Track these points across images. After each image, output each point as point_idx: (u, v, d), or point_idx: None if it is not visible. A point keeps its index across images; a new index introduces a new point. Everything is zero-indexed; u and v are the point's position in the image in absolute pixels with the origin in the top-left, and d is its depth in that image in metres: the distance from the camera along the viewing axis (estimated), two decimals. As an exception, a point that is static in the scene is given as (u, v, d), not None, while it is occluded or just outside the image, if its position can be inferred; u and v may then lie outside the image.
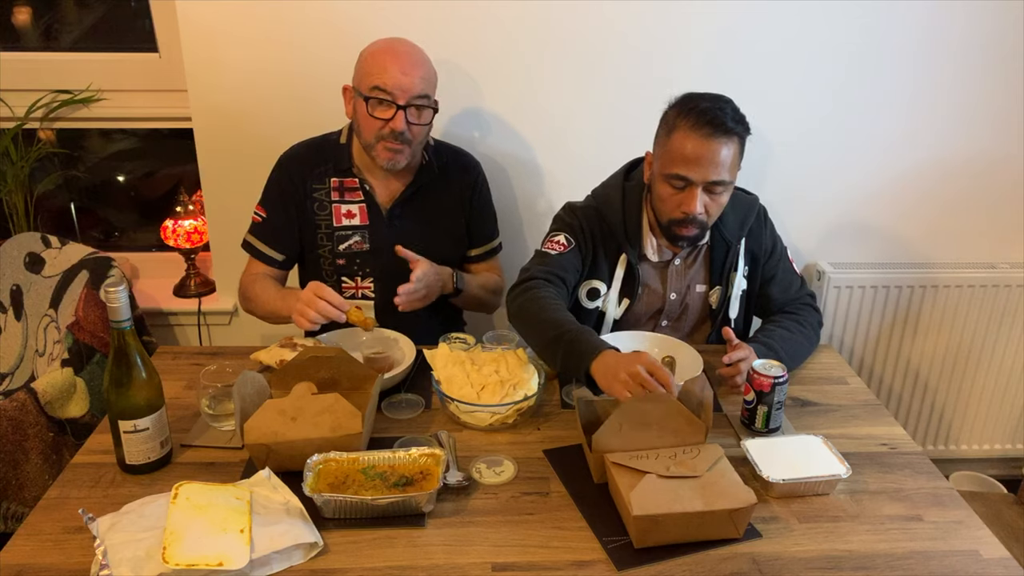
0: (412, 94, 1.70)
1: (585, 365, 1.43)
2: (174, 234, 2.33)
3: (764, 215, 1.82)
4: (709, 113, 1.55)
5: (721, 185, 1.59)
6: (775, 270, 1.82)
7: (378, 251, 1.87)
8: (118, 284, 1.26)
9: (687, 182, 1.58)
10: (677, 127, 1.58)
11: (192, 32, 2.02)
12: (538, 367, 1.56)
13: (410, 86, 1.70)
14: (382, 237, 1.86)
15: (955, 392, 2.43)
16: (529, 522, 1.26)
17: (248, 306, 1.88)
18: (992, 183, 2.25)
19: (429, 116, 1.76)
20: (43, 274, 2.13)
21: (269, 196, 1.87)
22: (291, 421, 1.32)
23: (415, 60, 1.73)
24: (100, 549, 1.12)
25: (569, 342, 1.48)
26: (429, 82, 1.75)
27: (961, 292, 2.29)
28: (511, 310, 1.66)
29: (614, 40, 2.05)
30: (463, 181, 1.93)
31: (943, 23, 2.06)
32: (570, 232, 1.75)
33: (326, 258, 1.88)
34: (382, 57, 1.71)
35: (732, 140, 1.56)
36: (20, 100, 2.27)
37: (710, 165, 1.55)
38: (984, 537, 1.25)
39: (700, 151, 1.55)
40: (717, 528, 1.20)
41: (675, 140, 1.58)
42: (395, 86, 1.69)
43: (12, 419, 1.76)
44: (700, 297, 1.81)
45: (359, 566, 1.16)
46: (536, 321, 1.58)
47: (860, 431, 1.52)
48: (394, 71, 1.69)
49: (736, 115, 1.58)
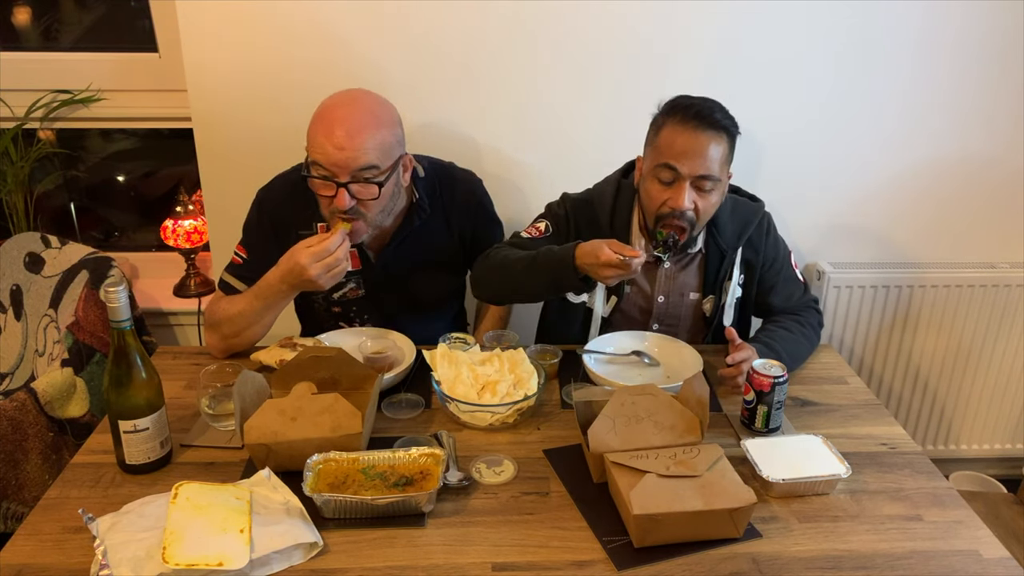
0: (353, 168, 1.52)
1: (570, 260, 1.51)
2: (174, 234, 2.33)
3: (768, 224, 1.79)
4: (696, 107, 1.56)
5: (710, 180, 1.57)
6: (776, 279, 1.81)
7: (374, 295, 1.81)
8: (118, 284, 1.26)
9: (675, 174, 1.57)
10: (666, 124, 1.59)
11: (192, 32, 2.02)
12: (538, 367, 1.56)
13: (348, 161, 1.51)
14: (377, 283, 1.79)
15: (955, 392, 2.43)
16: (529, 522, 1.26)
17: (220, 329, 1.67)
18: (992, 183, 2.25)
19: (375, 192, 1.55)
20: (43, 274, 2.13)
21: (252, 238, 1.74)
22: (291, 421, 1.32)
23: (356, 127, 1.51)
24: (100, 549, 1.12)
25: (545, 256, 1.57)
26: (375, 150, 1.53)
27: (961, 292, 2.29)
28: (476, 275, 1.69)
29: (614, 41, 2.04)
30: (463, 213, 1.81)
31: (941, 23, 2.06)
32: (553, 221, 1.75)
33: (320, 304, 1.83)
34: (317, 127, 1.54)
35: (721, 136, 1.56)
36: (20, 100, 2.27)
37: (698, 158, 1.55)
38: (984, 537, 1.25)
39: (688, 143, 1.55)
40: (717, 528, 1.20)
41: (664, 135, 1.58)
42: (331, 163, 1.52)
43: (12, 419, 1.76)
44: (693, 305, 1.80)
45: (359, 566, 1.16)
46: (506, 264, 1.63)
47: (860, 431, 1.52)
48: (328, 146, 1.51)
49: (725, 113, 1.59)
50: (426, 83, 2.08)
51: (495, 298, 1.82)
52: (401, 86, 2.06)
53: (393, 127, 1.59)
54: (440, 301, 1.91)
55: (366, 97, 1.60)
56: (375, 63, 2.04)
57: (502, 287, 1.67)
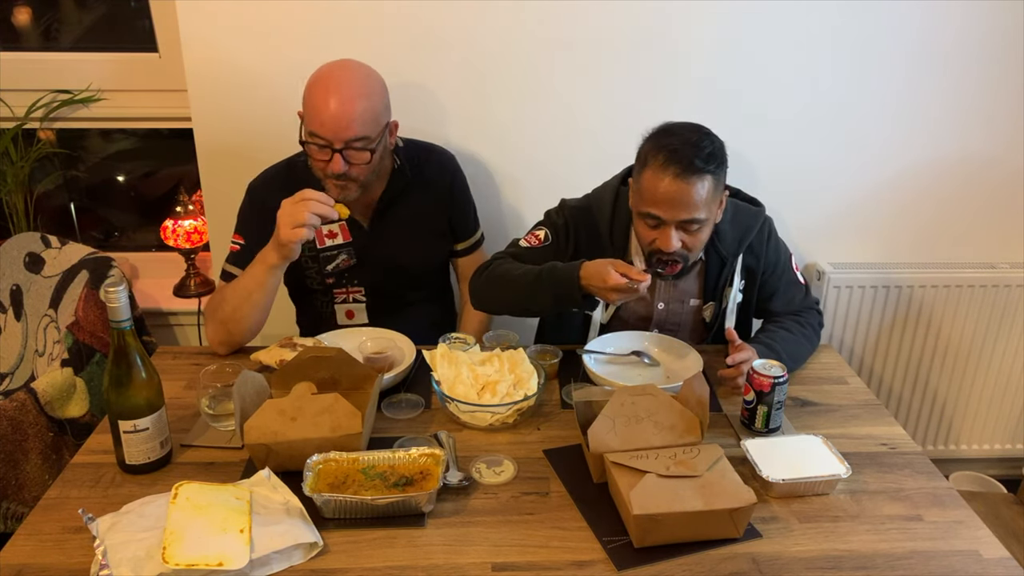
0: (347, 137, 1.63)
1: (575, 278, 1.52)
2: (174, 234, 2.33)
3: (769, 229, 1.78)
4: (679, 152, 1.50)
5: (696, 223, 1.55)
6: (777, 285, 1.80)
7: (366, 262, 1.86)
8: (118, 284, 1.26)
9: (659, 221, 1.55)
10: (648, 164, 1.54)
11: (192, 32, 2.02)
12: (538, 367, 1.56)
13: (341, 131, 1.62)
14: (368, 249, 1.86)
15: (955, 392, 2.43)
16: (529, 522, 1.26)
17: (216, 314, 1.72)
18: (992, 183, 2.25)
19: (367, 157, 1.68)
20: (43, 274, 2.13)
21: (245, 224, 1.82)
22: (291, 421, 1.32)
23: (348, 97, 1.62)
24: (100, 549, 1.12)
25: (549, 272, 1.57)
26: (367, 121, 1.65)
27: (961, 292, 2.29)
28: (476, 286, 1.68)
29: (613, 41, 2.04)
30: (441, 178, 1.92)
31: (941, 23, 2.06)
32: (552, 230, 1.75)
33: (313, 278, 1.87)
34: (312, 97, 1.64)
35: (704, 179, 1.51)
36: (20, 100, 2.27)
37: (681, 205, 1.52)
38: (984, 537, 1.25)
39: (670, 191, 1.51)
40: (717, 528, 1.20)
41: (646, 178, 1.55)
42: (328, 131, 1.63)
43: (12, 419, 1.76)
44: (694, 311, 1.80)
45: (359, 566, 1.16)
46: (509, 278, 1.62)
47: (860, 431, 1.52)
48: (325, 115, 1.62)
49: (711, 150, 1.52)
50: (427, 83, 2.08)
51: (495, 311, 1.81)
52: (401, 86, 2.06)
53: (382, 95, 1.71)
54: (427, 272, 1.98)
55: (356, 69, 1.70)
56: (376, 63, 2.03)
57: (503, 302, 1.67)
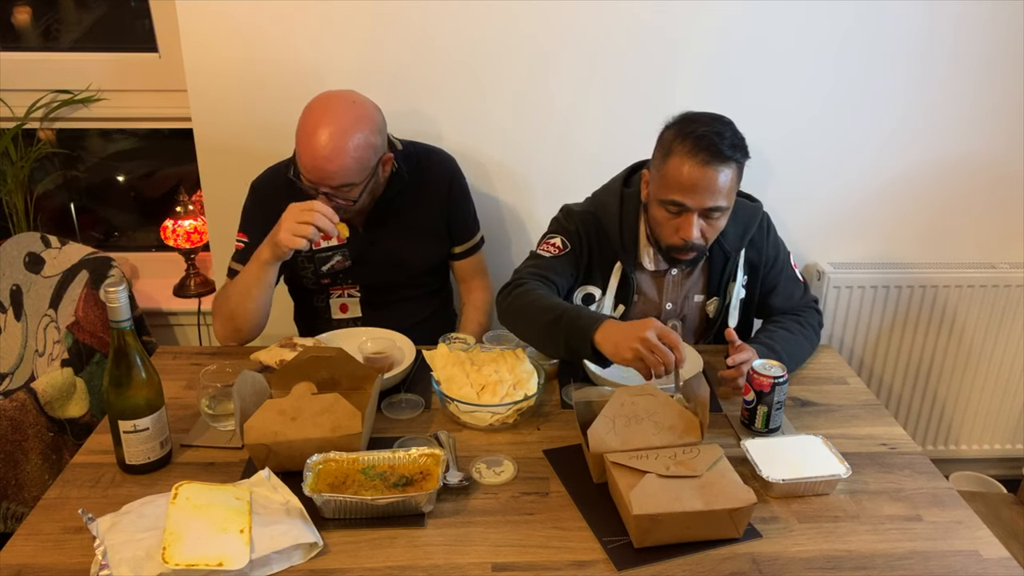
0: (331, 185, 1.65)
1: (589, 337, 1.44)
2: (174, 234, 2.33)
3: (767, 224, 1.79)
4: (706, 139, 1.51)
5: (718, 211, 1.56)
6: (777, 280, 1.81)
7: (361, 263, 1.87)
8: (118, 284, 1.26)
9: (683, 208, 1.56)
10: (673, 151, 1.54)
11: (192, 32, 2.02)
12: (538, 367, 1.56)
13: (327, 178, 1.64)
14: (363, 251, 1.86)
15: (955, 392, 2.43)
16: (529, 522, 1.26)
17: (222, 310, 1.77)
18: (992, 183, 2.25)
19: (355, 195, 1.69)
20: (43, 274, 2.13)
21: (249, 222, 1.84)
22: (291, 421, 1.32)
23: (336, 147, 1.61)
24: (100, 549, 1.12)
25: (569, 320, 1.49)
26: (351, 170, 1.65)
27: (961, 292, 2.29)
28: (502, 308, 1.66)
29: (613, 42, 2.04)
30: (439, 181, 1.90)
31: (941, 23, 2.06)
32: (567, 236, 1.74)
33: (309, 278, 1.88)
34: (301, 135, 1.64)
35: (729, 166, 1.53)
36: (20, 100, 2.27)
37: (706, 192, 1.53)
38: (984, 537, 1.25)
39: (696, 178, 1.51)
40: (717, 528, 1.20)
41: (671, 165, 1.54)
42: (313, 176, 1.65)
43: (12, 419, 1.76)
44: (697, 307, 1.80)
45: (359, 566, 1.16)
46: (530, 312, 1.58)
47: (860, 431, 1.52)
48: (309, 163, 1.64)
49: (735, 140, 1.54)
50: (427, 83, 2.08)
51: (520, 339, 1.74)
52: (401, 86, 2.06)
53: (371, 135, 1.67)
54: (423, 272, 1.96)
55: (345, 111, 1.65)
56: (376, 63, 2.04)
57: (524, 336, 1.64)
